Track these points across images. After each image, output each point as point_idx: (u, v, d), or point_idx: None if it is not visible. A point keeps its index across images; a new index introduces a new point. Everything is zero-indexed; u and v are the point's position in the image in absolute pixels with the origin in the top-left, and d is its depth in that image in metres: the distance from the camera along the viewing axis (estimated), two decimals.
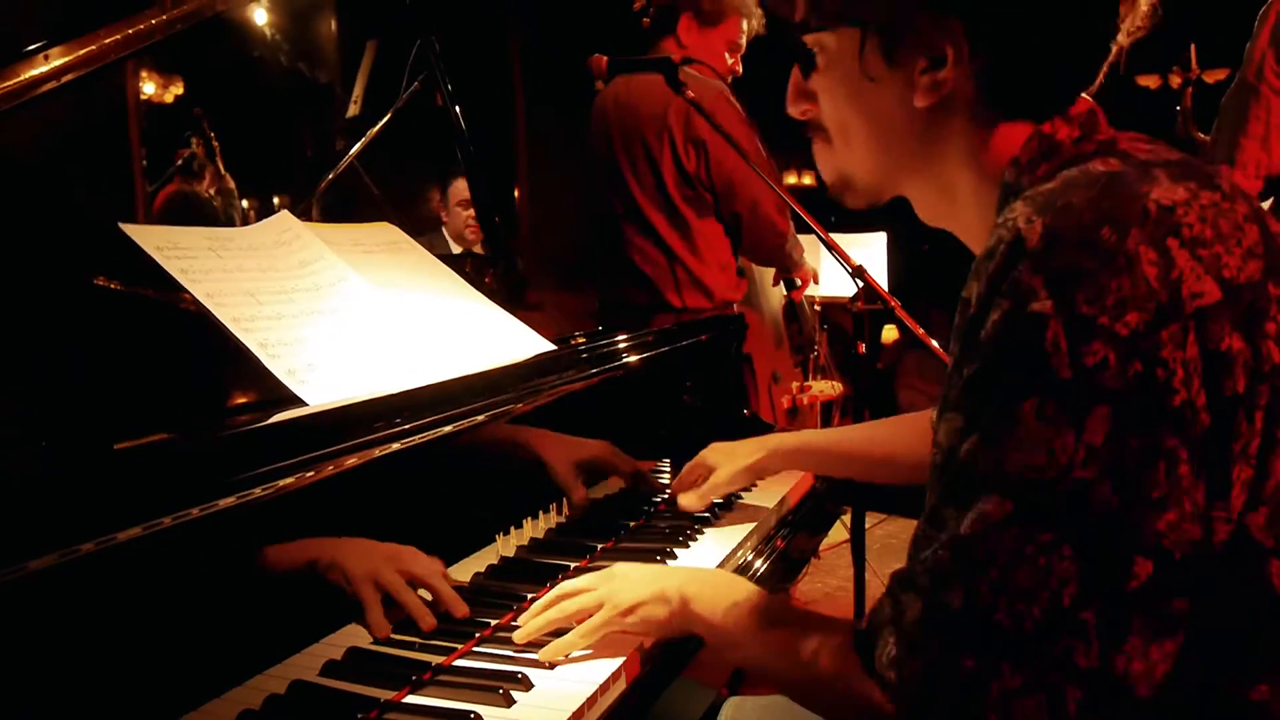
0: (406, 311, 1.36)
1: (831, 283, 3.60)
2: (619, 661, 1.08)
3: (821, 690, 0.94)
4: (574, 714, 0.99)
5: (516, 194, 5.61)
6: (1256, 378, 0.75)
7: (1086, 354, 0.73)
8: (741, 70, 2.90)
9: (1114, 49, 0.90)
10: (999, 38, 0.86)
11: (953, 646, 0.79)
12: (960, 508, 0.80)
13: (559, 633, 1.12)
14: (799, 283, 3.02)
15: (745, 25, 2.83)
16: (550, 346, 1.54)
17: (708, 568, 1.36)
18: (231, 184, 4.33)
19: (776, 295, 3.28)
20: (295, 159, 5.32)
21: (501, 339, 1.50)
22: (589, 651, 1.10)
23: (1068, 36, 0.87)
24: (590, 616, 1.11)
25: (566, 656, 1.09)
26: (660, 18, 2.80)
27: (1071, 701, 0.76)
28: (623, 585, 1.11)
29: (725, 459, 1.60)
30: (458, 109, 2.17)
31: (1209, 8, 3.81)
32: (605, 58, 2.37)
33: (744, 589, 1.06)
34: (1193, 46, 3.53)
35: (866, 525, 3.09)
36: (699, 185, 2.67)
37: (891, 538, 4.14)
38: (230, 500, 0.94)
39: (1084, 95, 0.92)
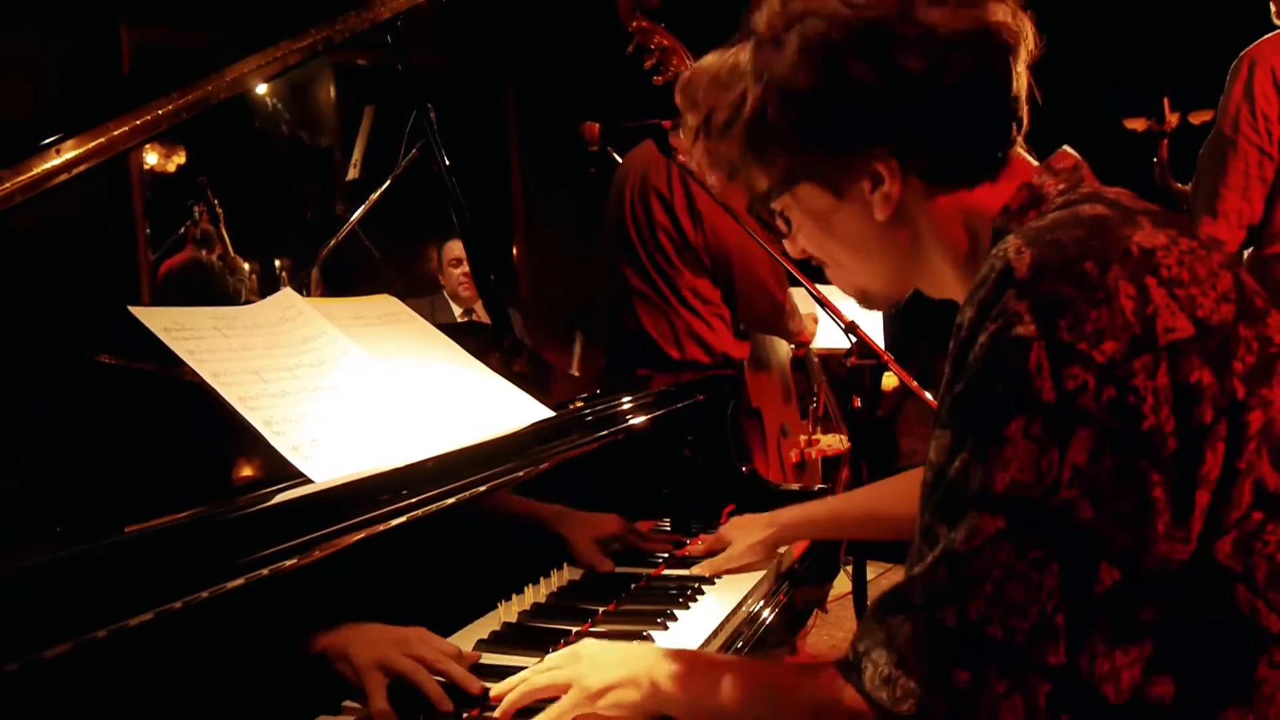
0: (407, 384, 1.39)
1: (828, 335, 3.64)
2: None
3: None
4: None
5: (515, 252, 5.68)
6: (1221, 411, 0.80)
7: (1067, 377, 0.78)
8: None
9: (1024, 83, 0.97)
10: (919, 140, 0.94)
11: (947, 661, 0.82)
12: (952, 524, 0.83)
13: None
14: (800, 341, 3.06)
15: None
16: (549, 413, 1.57)
17: (678, 648, 1.34)
18: (238, 260, 4.39)
19: (785, 348, 3.31)
20: (296, 222, 5.41)
21: (501, 407, 1.53)
22: None
23: (979, 105, 0.94)
24: (558, 697, 1.08)
25: None
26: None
27: (1042, 696, 0.80)
28: (591, 668, 1.09)
29: (740, 535, 1.66)
30: (453, 176, 2.21)
31: (1188, 53, 3.89)
32: (598, 124, 2.43)
33: (717, 661, 1.08)
34: (1165, 99, 3.59)
35: (871, 576, 3.09)
36: (697, 250, 2.70)
37: None
38: (238, 582, 0.97)
39: (1068, 150, 0.99)
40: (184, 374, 1.29)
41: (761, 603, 1.56)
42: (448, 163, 2.69)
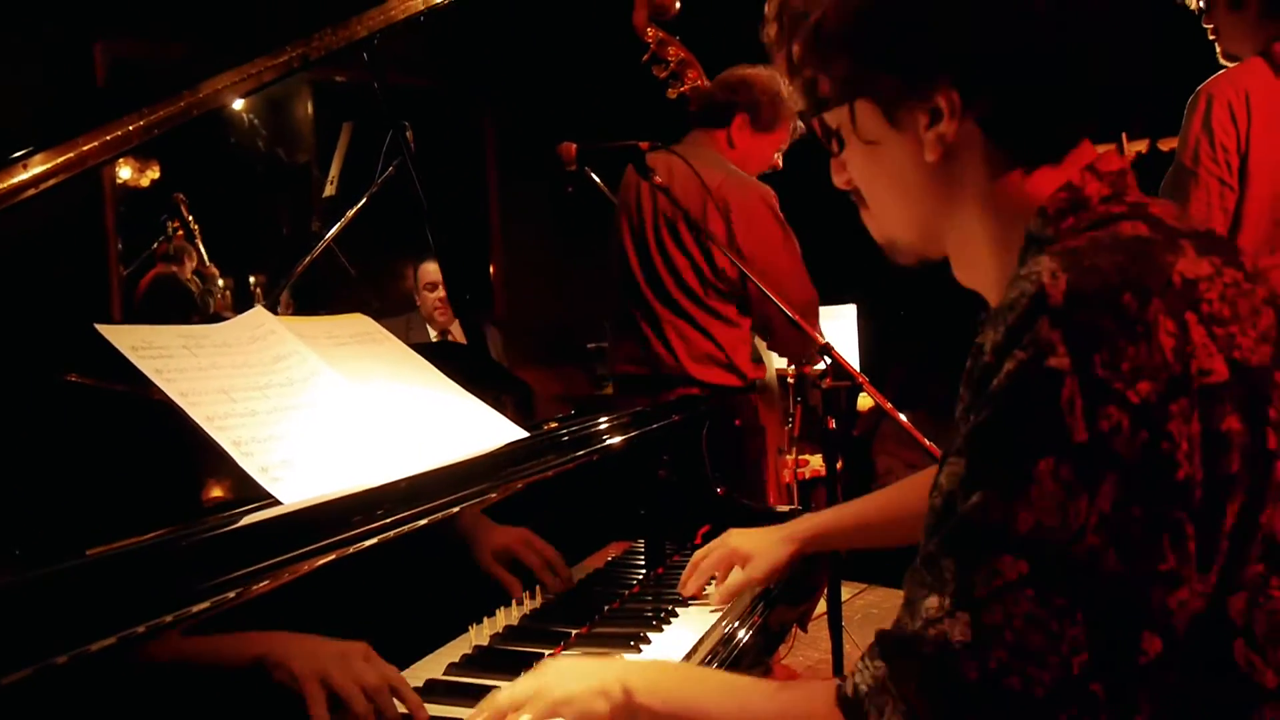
0: (380, 404, 1.38)
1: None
2: None
3: None
4: None
5: (492, 270, 5.67)
6: (1250, 461, 0.76)
7: (1101, 417, 0.74)
8: (781, 165, 2.89)
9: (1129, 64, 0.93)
10: (988, 84, 0.88)
11: (962, 716, 0.78)
12: (964, 563, 0.79)
13: None
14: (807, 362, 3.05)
15: (793, 128, 2.81)
16: (523, 434, 1.56)
17: (644, 660, 1.32)
18: (214, 269, 4.36)
19: (772, 368, 3.30)
20: (272, 238, 5.37)
21: (475, 428, 1.52)
22: None
23: (1065, 63, 0.88)
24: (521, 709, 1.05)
25: None
26: (713, 111, 2.76)
27: None
28: (555, 680, 1.06)
29: (761, 549, 1.57)
30: (430, 195, 2.20)
31: (1155, 82, 3.94)
32: (574, 145, 2.42)
33: (692, 672, 1.05)
34: (1124, 135, 3.63)
35: (847, 596, 3.09)
36: (730, 282, 2.64)
37: (873, 607, 4.13)
38: (204, 605, 0.95)
39: (1116, 153, 0.94)
40: (153, 394, 1.28)
41: (737, 623, 1.55)
42: (422, 183, 2.69)
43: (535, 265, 5.73)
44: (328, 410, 1.31)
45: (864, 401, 4.68)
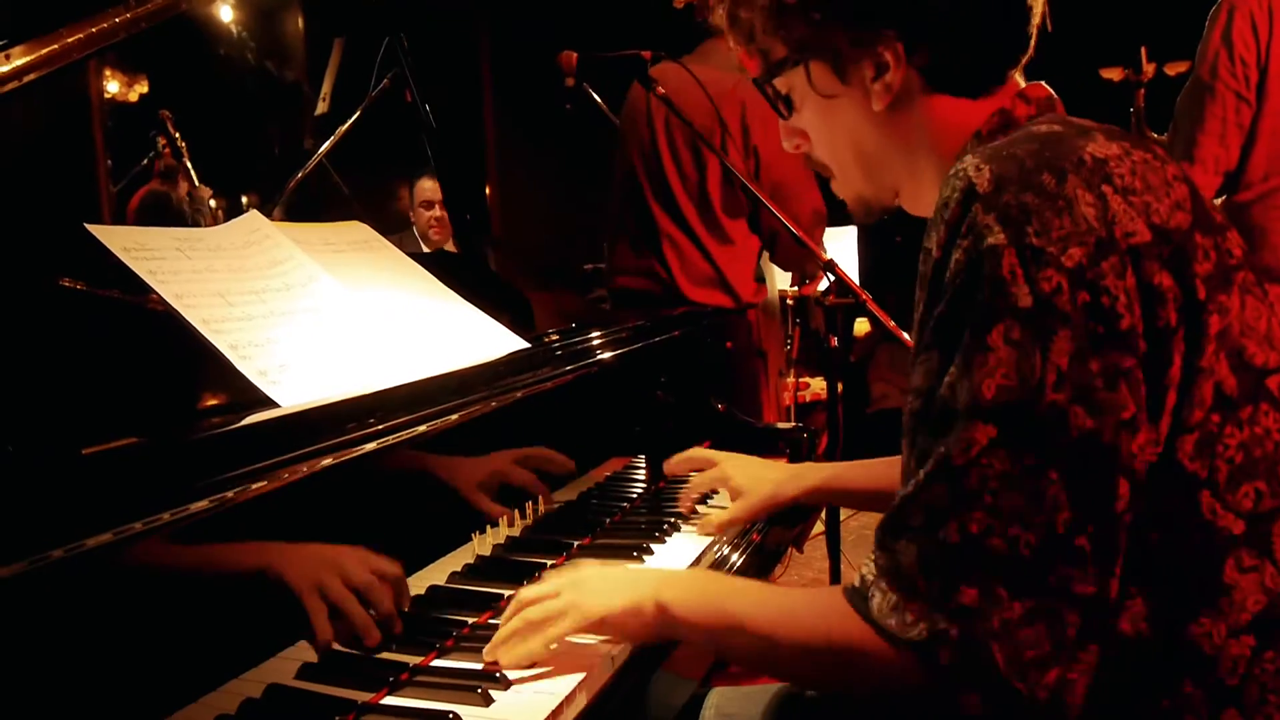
0: (379, 311, 1.35)
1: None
2: (578, 678, 1.04)
3: (823, 663, 0.92)
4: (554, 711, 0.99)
5: (488, 192, 5.59)
6: (1181, 312, 0.82)
7: (1041, 280, 0.80)
8: None
9: (1039, 9, 0.98)
10: (929, 33, 0.96)
11: (952, 581, 0.81)
12: (941, 438, 0.83)
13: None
14: (809, 280, 3.01)
15: None
16: (524, 345, 1.54)
17: (678, 569, 1.35)
18: (207, 192, 4.29)
19: (774, 289, 3.26)
20: (263, 157, 5.28)
21: (475, 337, 1.50)
22: (551, 668, 1.06)
23: (990, 14, 0.97)
24: (555, 623, 1.07)
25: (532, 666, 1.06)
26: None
27: (1071, 627, 0.79)
28: (589, 595, 1.07)
29: (756, 486, 1.54)
30: (428, 106, 2.14)
31: (1163, 6, 3.86)
32: (575, 54, 2.36)
33: (722, 583, 1.06)
34: (1143, 49, 3.57)
35: (842, 517, 3.10)
36: (741, 190, 2.60)
37: (866, 528, 4.16)
38: (203, 504, 0.93)
39: (1042, 84, 1.01)
40: (146, 300, 1.25)
41: (735, 543, 1.55)
42: (420, 95, 2.62)
43: (531, 186, 5.65)
44: (326, 316, 1.29)
45: (860, 326, 4.67)
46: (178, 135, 4.61)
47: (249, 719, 0.97)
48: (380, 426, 1.14)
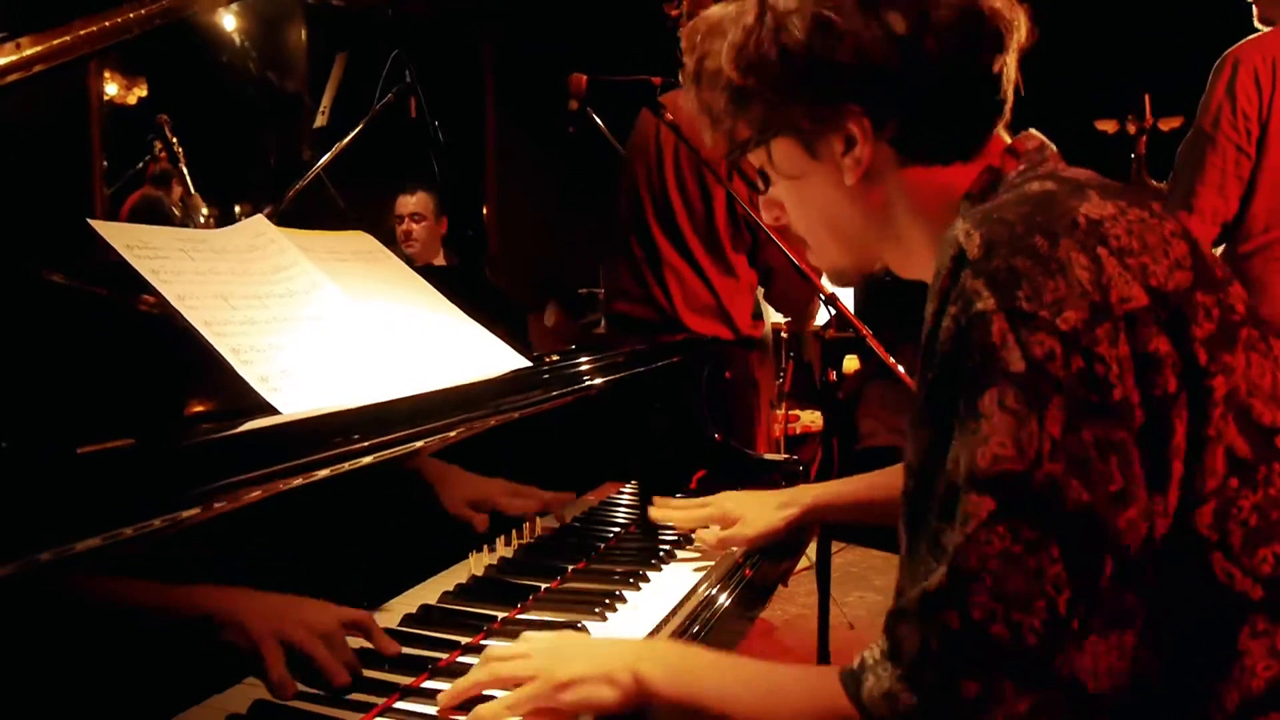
0: (382, 322, 1.33)
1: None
2: None
3: None
4: None
5: (485, 211, 5.59)
6: (1183, 379, 0.78)
7: (1034, 344, 0.76)
8: None
9: (1011, 72, 0.95)
10: (894, 107, 0.93)
11: (953, 672, 0.77)
12: (942, 518, 0.80)
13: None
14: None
15: None
16: (526, 363, 1.52)
17: (655, 641, 1.23)
18: (199, 200, 4.25)
19: (769, 324, 3.27)
20: (259, 167, 5.25)
21: (477, 354, 1.48)
22: None
23: (957, 83, 0.93)
24: (520, 685, 0.99)
25: None
26: None
27: (1062, 713, 0.76)
28: (563, 662, 0.99)
29: (754, 513, 1.52)
30: (435, 123, 2.13)
31: (1162, 58, 3.91)
32: (585, 77, 2.35)
33: (703, 658, 0.99)
34: (1146, 96, 3.61)
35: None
36: (744, 225, 2.60)
37: (852, 566, 4.14)
38: (195, 511, 0.90)
39: (1033, 131, 0.98)
40: (144, 301, 1.22)
41: (726, 576, 1.51)
42: (428, 111, 2.60)
43: (529, 207, 5.65)
44: (330, 325, 1.26)
45: (849, 364, 4.67)
46: (175, 140, 4.58)
47: None
48: (381, 439, 1.11)
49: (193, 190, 4.49)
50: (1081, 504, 0.75)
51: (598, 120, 3.16)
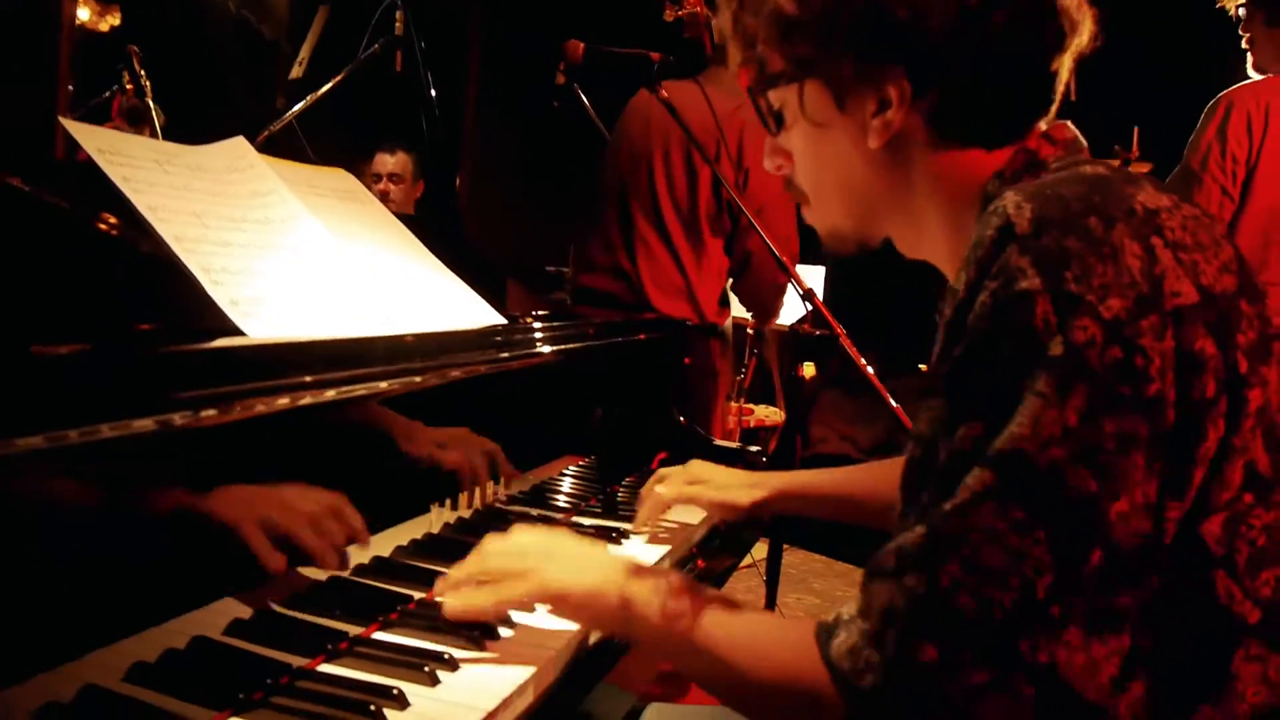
0: (360, 261, 1.28)
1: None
2: (529, 672, 0.97)
3: (771, 697, 0.86)
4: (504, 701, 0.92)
5: (459, 183, 5.50)
6: (1222, 385, 0.75)
7: (1076, 329, 0.73)
8: None
9: (1065, 73, 0.91)
10: (940, 77, 0.88)
11: (913, 635, 0.75)
12: (941, 488, 0.77)
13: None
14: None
15: None
16: (502, 320, 1.47)
17: (652, 566, 1.27)
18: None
19: (730, 316, 3.25)
20: (229, 109, 5.11)
21: (454, 305, 1.43)
22: (492, 655, 1.00)
23: (1009, 71, 0.89)
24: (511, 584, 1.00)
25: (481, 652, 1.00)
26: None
27: (1028, 701, 0.74)
28: (555, 566, 1.00)
29: (722, 480, 1.47)
30: (428, 74, 2.07)
31: (1152, 96, 3.95)
32: (582, 45, 2.31)
33: (693, 591, 0.96)
34: (1135, 130, 3.65)
35: (763, 557, 3.08)
36: (726, 210, 2.57)
37: (791, 568, 4.14)
38: (148, 423, 0.83)
39: (1068, 124, 0.94)
40: (108, 213, 1.16)
41: (679, 564, 1.48)
42: (419, 66, 2.53)
43: (502, 180, 5.57)
44: (306, 257, 1.21)
45: (806, 370, 4.68)
46: (143, 73, 4.44)
47: (170, 670, 0.88)
48: (349, 374, 1.06)
49: (159, 130, 4.36)
50: (1081, 493, 0.73)
51: (583, 97, 3.12)
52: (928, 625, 0.75)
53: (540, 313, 1.71)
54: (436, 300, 1.39)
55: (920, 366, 4.88)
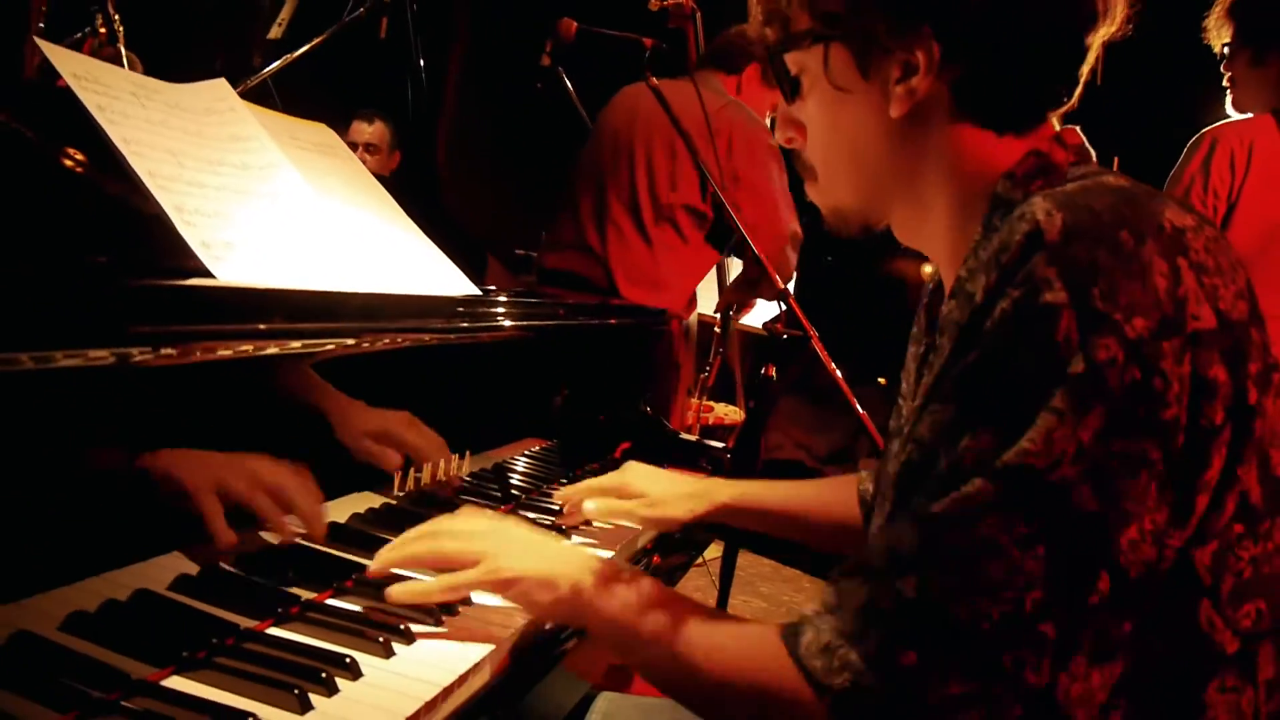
0: (338, 216, 1.24)
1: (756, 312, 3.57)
2: (486, 650, 0.95)
3: (734, 698, 0.83)
4: (434, 699, 0.86)
5: (439, 159, 5.41)
6: (1229, 414, 0.74)
7: (1099, 347, 0.71)
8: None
9: (1092, 56, 0.89)
10: (971, 44, 0.85)
11: (895, 638, 0.74)
12: (937, 492, 0.75)
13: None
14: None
15: None
16: (476, 291, 1.44)
17: (608, 559, 1.23)
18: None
19: (695, 313, 3.24)
20: (202, 64, 4.99)
21: (429, 270, 1.39)
22: (448, 630, 0.97)
23: (1041, 43, 0.86)
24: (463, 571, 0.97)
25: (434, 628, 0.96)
26: (727, 56, 2.73)
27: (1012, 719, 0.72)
28: (509, 554, 0.96)
29: (657, 495, 1.35)
30: (419, 38, 2.02)
31: (1132, 126, 4.00)
32: (575, 23, 2.28)
33: (646, 584, 0.93)
34: (1115, 160, 3.68)
35: (712, 555, 3.06)
36: (710, 203, 2.55)
37: (738, 570, 4.12)
38: (103, 354, 0.79)
39: (1077, 130, 0.92)
40: (62, 158, 1.11)
41: (636, 557, 1.44)
42: (410, 31, 2.48)
43: (478, 158, 5.50)
44: (283, 206, 1.16)
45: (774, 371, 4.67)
46: (116, 18, 4.30)
47: (111, 622, 0.84)
48: (320, 326, 1.02)
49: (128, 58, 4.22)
50: (1087, 513, 0.71)
51: (567, 82, 3.08)
52: (913, 630, 0.74)
53: (516, 290, 1.68)
54: (413, 264, 1.35)
55: (879, 380, 4.90)
